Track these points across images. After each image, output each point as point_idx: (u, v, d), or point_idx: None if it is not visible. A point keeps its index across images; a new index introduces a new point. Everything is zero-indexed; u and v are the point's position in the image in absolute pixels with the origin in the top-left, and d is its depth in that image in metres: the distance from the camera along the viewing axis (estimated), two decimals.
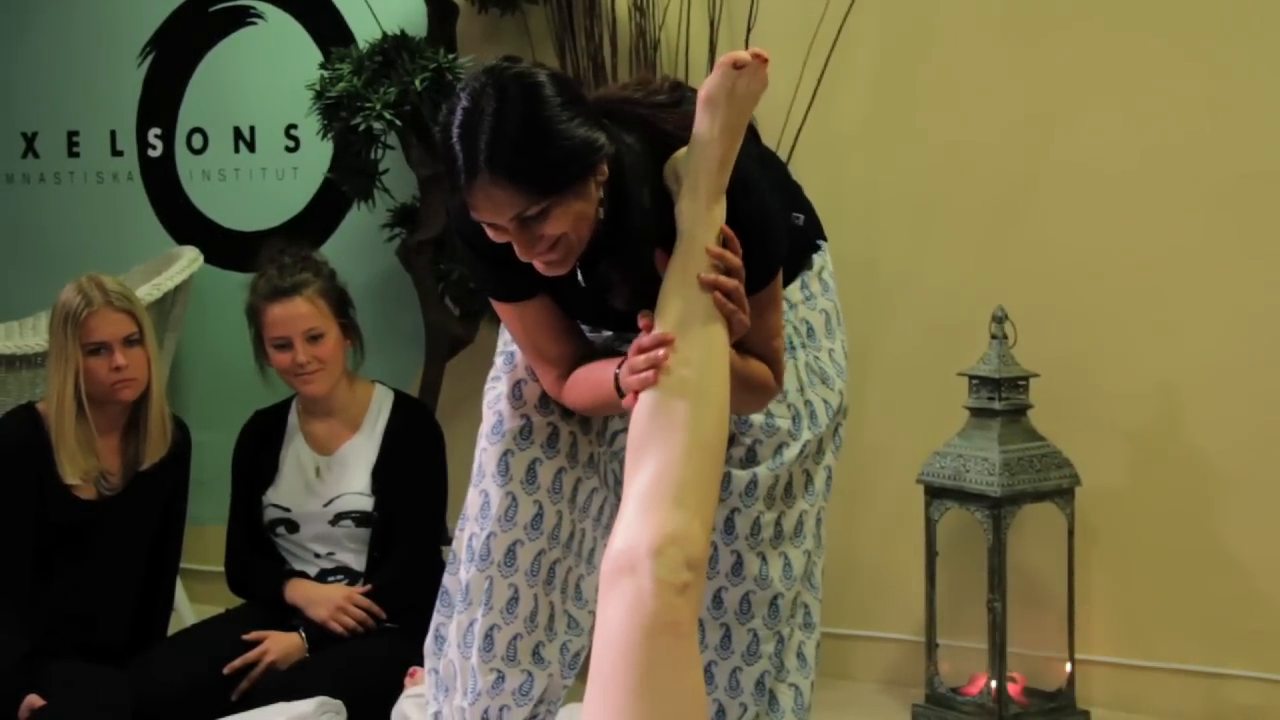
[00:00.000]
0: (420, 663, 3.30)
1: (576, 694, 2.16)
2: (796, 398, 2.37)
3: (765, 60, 2.07)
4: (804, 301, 2.44)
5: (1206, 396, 3.49)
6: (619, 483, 2.36)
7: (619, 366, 2.10)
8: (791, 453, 2.35)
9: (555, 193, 1.99)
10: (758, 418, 2.33)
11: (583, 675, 1.92)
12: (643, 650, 1.76)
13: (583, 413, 2.33)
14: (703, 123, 2.07)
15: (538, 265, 2.07)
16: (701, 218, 2.06)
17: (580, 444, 2.38)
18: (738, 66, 2.05)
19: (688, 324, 2.00)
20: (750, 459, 2.34)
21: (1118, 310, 3.57)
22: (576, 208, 2.02)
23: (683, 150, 2.11)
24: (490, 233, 2.05)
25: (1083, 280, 3.59)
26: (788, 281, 2.36)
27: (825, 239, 2.52)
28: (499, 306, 2.31)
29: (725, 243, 2.05)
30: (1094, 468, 3.49)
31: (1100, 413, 3.58)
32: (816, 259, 2.48)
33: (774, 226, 2.18)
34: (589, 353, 2.28)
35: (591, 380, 2.21)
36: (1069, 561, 3.47)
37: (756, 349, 2.18)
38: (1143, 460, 3.56)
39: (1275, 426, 3.43)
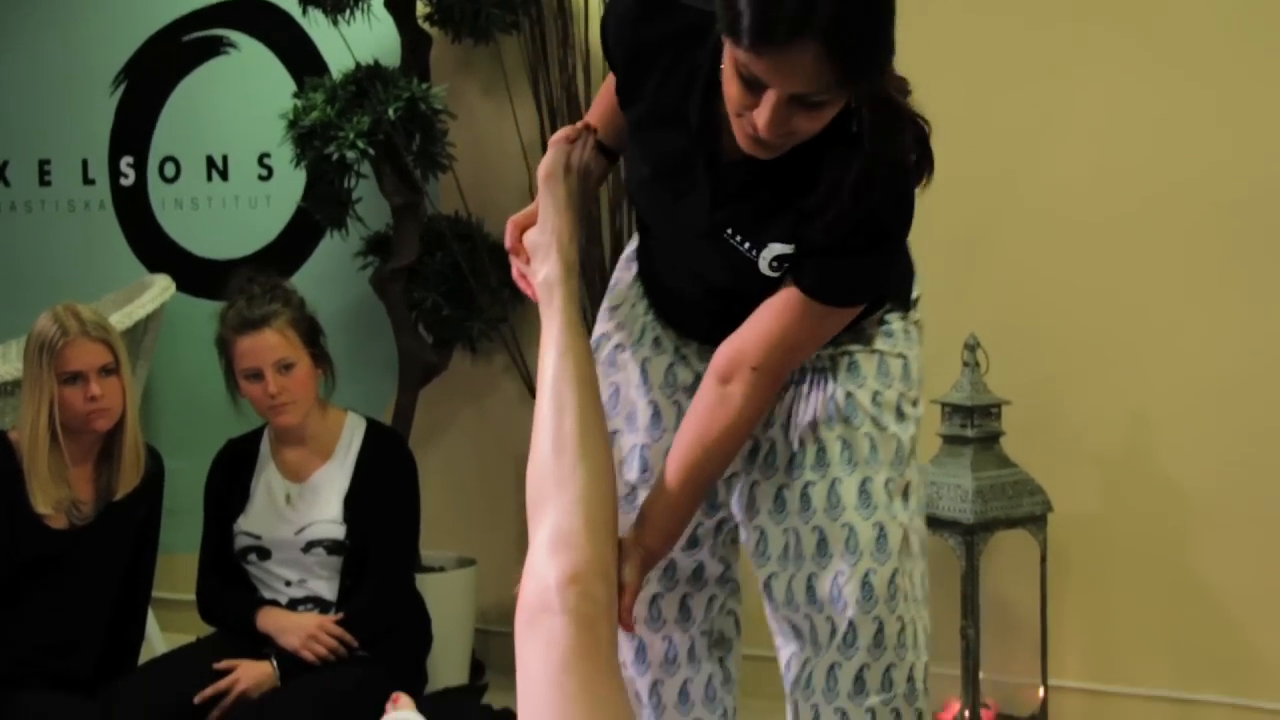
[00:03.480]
0: (402, 687, 3.29)
1: None
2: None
3: (595, 130, 2.17)
4: (840, 343, 2.12)
5: (1178, 423, 3.52)
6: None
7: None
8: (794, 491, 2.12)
9: (860, 81, 1.76)
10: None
11: None
12: (566, 680, 1.82)
13: None
14: (547, 199, 2.17)
15: (744, 140, 1.83)
16: (556, 289, 2.13)
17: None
18: (570, 141, 2.17)
19: (558, 384, 2.06)
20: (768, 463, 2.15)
21: (1089, 337, 3.60)
22: (840, 105, 1.80)
23: (531, 231, 2.19)
24: (733, 88, 1.78)
25: (1054, 307, 3.61)
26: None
27: (905, 308, 2.20)
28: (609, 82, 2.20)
29: None
30: (1066, 494, 3.51)
31: (1072, 440, 3.60)
32: (883, 314, 2.16)
33: (884, 252, 1.95)
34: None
35: None
36: (1041, 588, 3.48)
37: (741, 351, 1.99)
38: (1115, 487, 3.58)
39: (1246, 453, 3.46)
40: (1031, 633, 3.51)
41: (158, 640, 3.89)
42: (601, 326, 2.29)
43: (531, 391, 3.91)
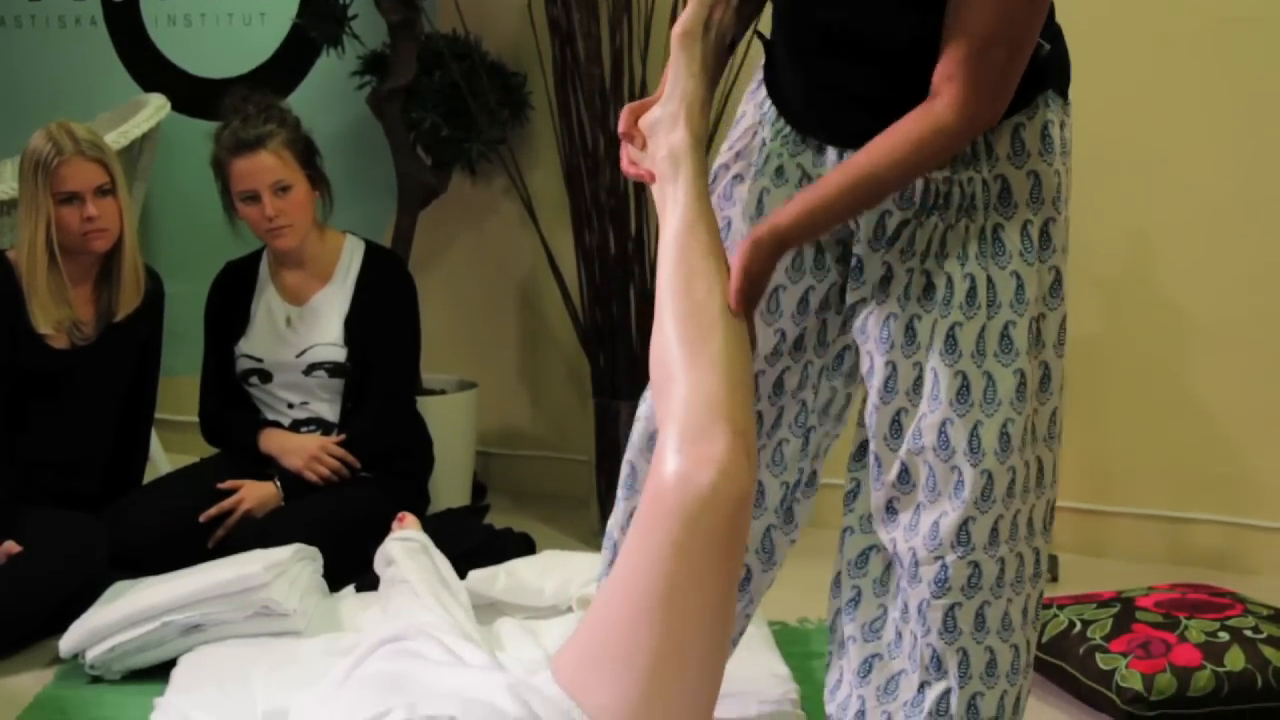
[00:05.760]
0: (404, 508, 3.33)
1: None
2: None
3: None
4: (996, 160, 1.99)
5: (1177, 244, 3.51)
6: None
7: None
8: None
9: None
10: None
11: None
12: (690, 588, 1.81)
13: None
14: (680, 61, 2.02)
15: None
16: (684, 160, 2.00)
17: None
18: None
19: (688, 255, 1.96)
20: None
21: (1090, 158, 3.54)
22: None
23: (654, 108, 2.04)
24: None
25: None
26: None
27: (1064, 95, 2.06)
28: None
29: None
30: None
31: (1072, 260, 3.58)
32: (1044, 112, 2.00)
33: None
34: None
35: None
36: None
37: (949, 56, 1.85)
38: (1113, 308, 3.58)
39: (1244, 274, 3.46)
40: None
41: (162, 461, 3.93)
42: (721, 159, 2.16)
43: (531, 213, 3.89)
